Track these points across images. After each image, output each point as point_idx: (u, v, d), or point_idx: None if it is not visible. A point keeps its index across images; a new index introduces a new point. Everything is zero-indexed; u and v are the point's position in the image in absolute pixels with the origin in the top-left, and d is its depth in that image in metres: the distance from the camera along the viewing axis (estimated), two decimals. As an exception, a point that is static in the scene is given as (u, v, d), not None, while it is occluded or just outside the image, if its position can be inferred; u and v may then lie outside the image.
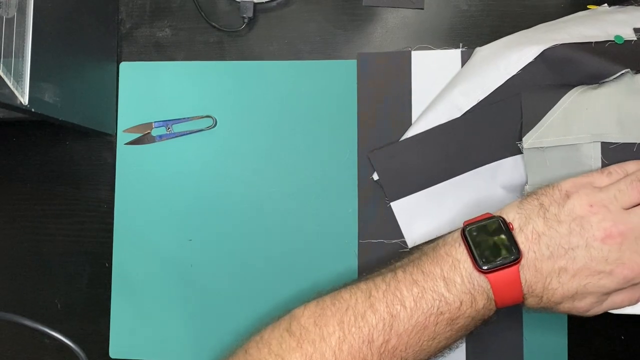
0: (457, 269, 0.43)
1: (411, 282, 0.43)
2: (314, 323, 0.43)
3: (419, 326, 0.42)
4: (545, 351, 0.54)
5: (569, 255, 0.42)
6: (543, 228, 0.42)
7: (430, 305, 0.42)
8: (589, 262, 0.41)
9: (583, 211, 0.42)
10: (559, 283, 0.42)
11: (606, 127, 0.47)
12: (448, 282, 0.42)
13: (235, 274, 0.58)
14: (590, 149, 0.47)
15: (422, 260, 0.44)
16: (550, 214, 0.43)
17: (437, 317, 0.42)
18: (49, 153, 0.62)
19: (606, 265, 0.41)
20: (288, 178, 0.58)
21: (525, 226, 0.43)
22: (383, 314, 0.43)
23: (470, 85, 0.53)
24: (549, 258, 0.42)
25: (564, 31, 0.51)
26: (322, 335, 0.43)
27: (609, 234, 0.41)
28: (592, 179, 0.44)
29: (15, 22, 0.47)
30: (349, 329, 0.42)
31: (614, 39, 0.50)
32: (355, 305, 0.43)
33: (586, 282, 0.42)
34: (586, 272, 0.42)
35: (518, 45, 0.52)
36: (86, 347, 0.46)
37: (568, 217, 0.42)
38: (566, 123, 0.49)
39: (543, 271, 0.42)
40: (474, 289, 0.42)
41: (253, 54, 0.60)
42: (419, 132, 0.54)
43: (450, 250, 0.44)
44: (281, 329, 0.44)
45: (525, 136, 0.50)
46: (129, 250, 0.59)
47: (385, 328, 0.42)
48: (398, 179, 0.55)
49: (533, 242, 0.42)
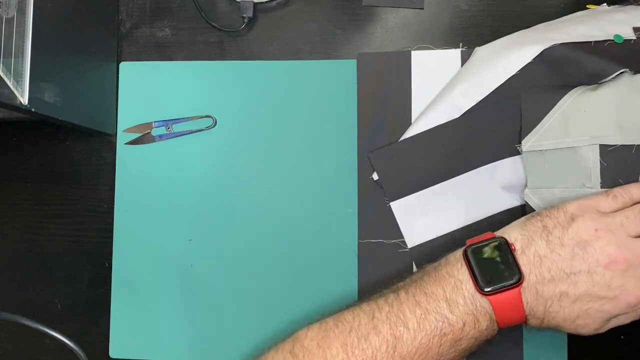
0: (459, 290, 0.42)
1: (414, 303, 0.43)
2: (317, 345, 0.43)
3: (423, 348, 0.42)
4: (545, 351, 0.53)
5: (570, 280, 0.41)
6: (545, 251, 0.42)
7: (434, 327, 0.42)
8: (590, 288, 0.41)
9: (588, 235, 0.41)
10: (560, 307, 0.42)
11: (605, 129, 0.47)
12: (451, 304, 0.42)
13: (235, 273, 0.58)
14: (588, 152, 0.47)
15: (424, 281, 0.44)
16: (553, 236, 0.42)
17: (441, 338, 0.42)
18: (49, 153, 0.62)
19: (609, 291, 0.41)
20: (288, 178, 0.58)
21: (528, 248, 0.42)
22: (386, 335, 0.42)
23: (469, 85, 0.53)
24: (550, 282, 0.41)
25: (563, 31, 0.51)
26: (326, 357, 0.42)
27: (613, 259, 0.41)
28: (597, 202, 0.44)
29: (15, 22, 0.47)
30: (352, 351, 0.42)
31: (613, 38, 0.50)
32: (359, 327, 0.43)
33: (588, 307, 0.41)
34: (588, 298, 0.41)
35: (517, 45, 0.52)
36: (86, 347, 0.46)
37: (572, 240, 0.42)
38: (565, 125, 0.48)
39: (544, 294, 0.42)
40: (476, 310, 0.42)
41: (253, 54, 0.60)
42: (419, 132, 0.54)
43: (452, 271, 0.43)
44: (285, 351, 0.44)
45: (524, 139, 0.50)
46: (129, 250, 0.59)
47: (388, 350, 0.42)
48: (398, 179, 0.55)
49: (535, 265, 0.42)
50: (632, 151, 0.46)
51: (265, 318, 0.57)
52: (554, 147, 0.48)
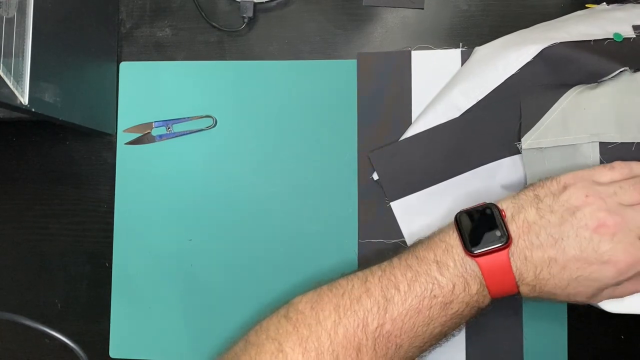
0: (449, 253, 0.43)
1: (405, 266, 0.44)
2: (311, 307, 0.44)
3: (413, 310, 0.42)
4: (545, 351, 0.54)
5: (559, 245, 0.41)
6: (534, 217, 0.42)
7: (424, 289, 0.42)
8: (578, 253, 0.40)
9: (578, 201, 0.41)
10: (549, 274, 0.41)
11: (604, 127, 0.47)
12: (441, 266, 0.43)
13: (235, 273, 0.58)
14: (588, 149, 0.47)
15: (417, 247, 0.45)
16: (543, 204, 0.42)
17: (431, 300, 0.42)
18: (49, 153, 0.62)
19: (597, 256, 0.40)
20: (288, 178, 0.58)
21: (517, 215, 0.42)
22: (377, 297, 0.43)
23: (469, 85, 0.53)
24: (539, 247, 0.41)
25: (562, 30, 0.51)
26: (318, 319, 0.43)
27: (602, 223, 0.40)
28: (593, 172, 0.43)
29: (15, 22, 0.47)
30: (344, 312, 0.43)
31: (612, 36, 0.50)
32: (352, 290, 0.44)
33: (577, 274, 0.41)
34: (576, 264, 0.41)
35: (517, 44, 0.52)
36: (86, 347, 0.46)
37: (561, 207, 0.42)
38: (564, 123, 0.49)
39: (533, 260, 0.41)
40: (466, 272, 0.42)
41: (253, 54, 0.60)
42: (419, 131, 0.54)
43: (444, 237, 0.44)
44: (279, 315, 0.45)
45: (523, 137, 0.50)
46: (129, 250, 0.59)
47: (379, 311, 0.43)
48: (398, 179, 0.55)
49: (524, 230, 0.42)
50: (632, 149, 0.46)
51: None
52: (553, 144, 0.49)
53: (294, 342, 0.43)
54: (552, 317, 0.54)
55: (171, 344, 0.58)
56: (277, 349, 0.43)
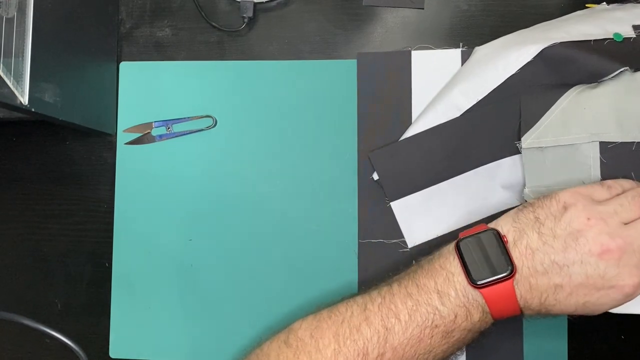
0: (450, 282, 0.42)
1: (405, 295, 0.43)
2: (310, 335, 0.44)
3: (414, 339, 0.42)
4: (545, 350, 0.53)
5: (564, 272, 0.40)
6: (537, 243, 0.41)
7: (425, 319, 0.42)
8: (585, 280, 0.40)
9: (580, 225, 0.40)
10: (555, 300, 0.41)
11: (604, 126, 0.47)
12: (442, 296, 0.42)
13: (235, 273, 0.58)
14: (588, 149, 0.47)
15: (417, 273, 0.44)
16: (545, 228, 0.41)
17: (432, 330, 0.42)
18: (49, 153, 0.62)
19: (604, 282, 0.40)
20: (288, 178, 0.58)
21: (519, 241, 0.42)
22: (378, 327, 0.42)
23: (469, 85, 0.53)
24: (543, 274, 0.41)
25: (562, 30, 0.51)
26: (318, 347, 0.43)
27: (606, 248, 0.40)
28: (591, 191, 0.43)
29: (15, 22, 0.47)
30: (344, 342, 0.43)
31: (612, 36, 0.50)
32: (351, 318, 0.43)
33: (584, 300, 0.41)
34: (584, 290, 0.40)
35: (517, 44, 0.52)
36: (86, 347, 0.46)
37: (564, 231, 0.41)
38: (564, 123, 0.48)
39: (538, 287, 0.41)
40: (468, 302, 0.42)
41: (253, 54, 0.60)
42: (419, 131, 0.54)
43: (445, 263, 0.43)
44: (279, 341, 0.45)
45: (523, 136, 0.50)
46: (129, 250, 0.59)
47: (380, 341, 0.42)
48: (398, 179, 0.55)
49: (527, 257, 0.41)
50: (632, 148, 0.46)
51: (265, 318, 0.57)
52: (553, 144, 0.48)
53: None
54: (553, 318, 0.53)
55: (171, 344, 0.58)
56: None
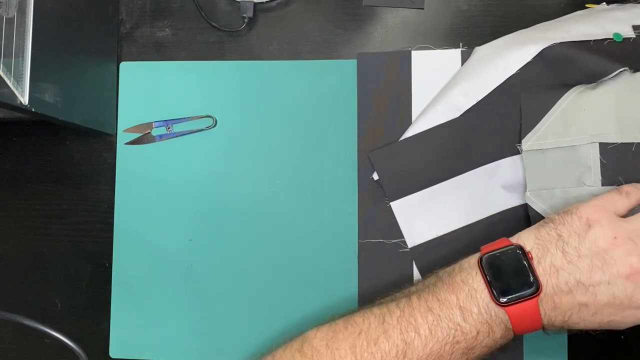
0: (473, 298, 0.41)
1: (426, 309, 0.42)
2: (326, 345, 0.43)
3: (434, 355, 0.41)
4: (545, 350, 0.53)
5: (590, 292, 0.40)
6: (561, 262, 0.40)
7: (446, 334, 0.41)
8: (612, 300, 0.39)
9: (606, 244, 0.40)
10: (579, 318, 0.40)
11: (604, 128, 0.47)
12: (464, 312, 0.41)
13: (235, 273, 0.58)
14: (588, 150, 0.47)
15: (438, 287, 0.43)
16: (569, 247, 0.40)
17: (453, 346, 0.41)
18: (49, 153, 0.62)
19: (631, 302, 0.39)
20: (288, 178, 0.58)
21: (543, 259, 0.41)
22: (397, 340, 0.41)
23: (469, 85, 0.53)
24: (568, 293, 0.40)
25: (562, 30, 0.51)
26: (334, 358, 0.42)
27: (636, 270, 0.39)
28: (611, 202, 0.42)
29: (15, 22, 0.47)
30: (361, 354, 0.41)
31: (612, 36, 0.50)
32: (368, 330, 0.42)
33: (609, 319, 0.40)
34: (609, 310, 0.40)
35: (517, 44, 0.52)
36: (86, 347, 0.46)
37: (589, 251, 0.40)
38: (564, 124, 0.48)
39: (563, 306, 0.40)
40: (491, 319, 0.41)
41: (253, 54, 0.60)
42: (419, 131, 0.54)
43: (467, 279, 0.42)
44: (293, 349, 0.44)
45: (524, 138, 0.50)
46: (129, 250, 0.59)
47: (398, 356, 0.41)
48: (398, 179, 0.55)
49: (551, 276, 0.40)
50: (632, 149, 0.46)
51: (265, 318, 0.57)
52: (553, 145, 0.48)
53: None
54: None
55: (171, 344, 0.58)
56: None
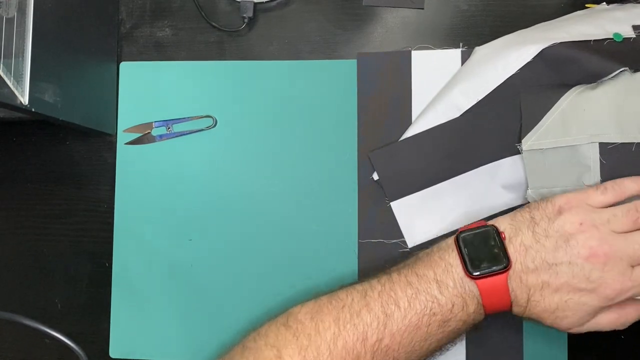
0: (450, 273, 0.44)
1: (406, 283, 0.44)
2: (311, 318, 0.44)
3: (412, 326, 0.43)
4: (545, 351, 0.53)
5: (552, 270, 0.42)
6: (531, 241, 0.43)
7: (424, 307, 0.43)
8: (570, 279, 0.42)
9: (572, 228, 0.43)
10: (541, 296, 0.43)
11: (604, 128, 0.47)
12: (441, 285, 0.44)
13: (235, 273, 0.58)
14: (588, 150, 0.47)
15: (417, 264, 0.45)
16: (539, 228, 0.43)
17: (430, 318, 0.43)
18: (49, 153, 0.62)
19: (588, 283, 0.42)
20: (288, 178, 0.58)
21: (515, 238, 0.44)
22: (378, 312, 0.44)
23: (469, 85, 0.53)
24: (534, 271, 0.43)
25: (562, 30, 0.51)
26: (318, 330, 0.44)
27: (594, 253, 0.42)
28: (586, 195, 0.44)
29: (15, 22, 0.47)
30: (344, 326, 0.44)
31: (612, 36, 0.50)
32: (351, 304, 0.44)
33: (567, 298, 0.43)
34: (568, 289, 0.42)
35: (517, 44, 0.52)
36: (86, 347, 0.46)
37: (556, 233, 0.43)
38: (564, 124, 0.49)
39: (528, 283, 0.43)
40: (465, 293, 0.43)
41: (253, 54, 0.60)
42: (419, 131, 0.54)
43: (444, 255, 0.45)
44: (278, 323, 0.46)
45: (524, 138, 0.50)
46: (129, 250, 0.59)
47: (379, 327, 0.43)
48: (398, 179, 0.55)
49: (520, 254, 0.43)
50: (632, 149, 0.46)
51: (265, 318, 0.57)
52: (553, 145, 0.49)
53: (293, 350, 0.43)
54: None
55: (171, 344, 0.58)
56: (276, 356, 0.43)
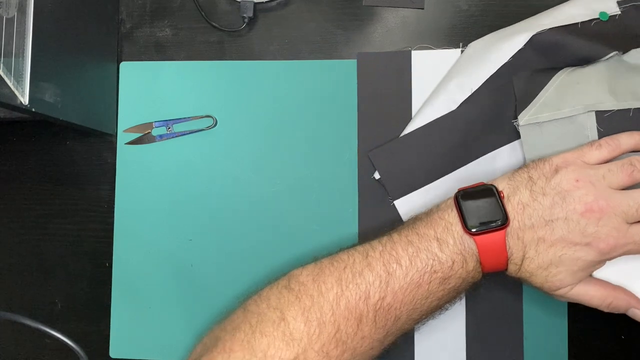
0: (449, 231, 0.45)
1: (406, 242, 0.45)
2: (313, 280, 0.45)
3: (414, 284, 0.44)
4: (546, 351, 0.54)
5: (548, 227, 0.43)
6: (528, 199, 0.44)
7: (425, 264, 0.44)
8: (566, 234, 0.43)
9: (568, 185, 0.43)
10: (536, 252, 0.44)
11: (599, 97, 0.48)
12: (441, 243, 0.44)
13: (235, 273, 0.58)
14: (585, 119, 0.48)
15: (417, 224, 0.46)
16: (537, 186, 0.44)
17: (431, 275, 0.44)
18: (49, 153, 0.62)
19: (582, 237, 0.43)
20: (288, 178, 0.58)
21: (513, 196, 0.44)
22: (380, 271, 0.44)
23: (464, 78, 0.53)
24: (531, 228, 0.44)
25: (550, 15, 0.52)
26: (321, 291, 0.44)
27: (589, 208, 0.43)
28: (582, 153, 0.46)
29: (15, 22, 0.47)
30: (346, 285, 0.44)
31: (599, 16, 0.51)
32: (353, 264, 0.45)
33: (562, 253, 0.43)
34: (563, 244, 0.43)
35: (508, 35, 0.53)
36: (86, 347, 0.46)
37: (553, 190, 0.44)
38: (559, 98, 0.50)
39: (524, 240, 0.44)
40: (464, 250, 0.44)
41: (253, 54, 0.60)
42: (417, 127, 0.54)
43: (444, 214, 0.46)
44: (280, 286, 0.46)
45: (520, 115, 0.51)
46: (129, 250, 0.59)
47: (381, 285, 0.44)
48: (400, 177, 0.55)
49: (518, 212, 0.44)
50: (630, 114, 0.47)
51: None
52: (550, 118, 0.50)
53: (296, 312, 0.43)
54: (553, 317, 0.54)
55: (171, 344, 0.58)
56: (279, 318, 0.43)
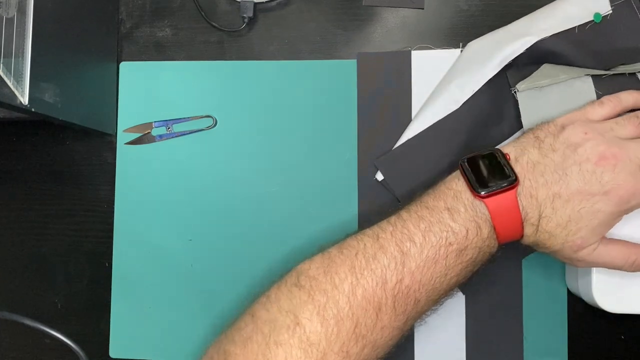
0: (459, 199, 0.43)
1: (417, 218, 0.43)
2: (324, 272, 0.42)
3: (430, 261, 0.42)
4: (546, 351, 0.54)
5: (562, 181, 0.42)
6: (538, 157, 0.43)
7: (439, 237, 0.42)
8: (582, 186, 0.41)
9: (578, 138, 0.43)
10: (552, 210, 0.42)
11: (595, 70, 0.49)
12: (452, 212, 0.42)
13: (235, 273, 0.58)
14: (583, 83, 0.49)
15: (425, 199, 0.44)
16: (545, 144, 0.43)
17: (447, 248, 0.42)
18: (49, 153, 0.62)
19: (600, 187, 0.41)
20: (288, 178, 0.58)
21: (521, 157, 0.43)
22: (394, 252, 0.42)
23: (466, 79, 0.53)
24: (544, 185, 0.42)
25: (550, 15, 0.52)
26: (334, 283, 0.41)
27: (603, 155, 0.41)
28: (585, 111, 0.45)
29: (15, 22, 0.47)
30: (361, 273, 0.41)
31: (593, 18, 0.51)
32: (365, 249, 0.42)
33: (580, 206, 0.42)
34: (580, 197, 0.41)
35: (508, 38, 0.52)
36: (86, 347, 0.46)
37: (562, 144, 0.43)
38: (556, 70, 0.50)
39: (539, 198, 0.42)
40: (477, 216, 0.42)
41: (253, 54, 0.60)
42: (419, 130, 0.54)
43: (451, 184, 0.44)
44: (289, 284, 0.43)
45: (518, 83, 0.51)
46: (129, 250, 0.59)
47: (397, 266, 0.41)
48: (407, 181, 0.54)
49: (528, 170, 0.42)
50: (626, 76, 0.49)
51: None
52: (549, 83, 0.50)
53: (310, 312, 0.40)
54: (553, 317, 0.54)
55: (171, 344, 0.58)
56: (294, 322, 0.40)
